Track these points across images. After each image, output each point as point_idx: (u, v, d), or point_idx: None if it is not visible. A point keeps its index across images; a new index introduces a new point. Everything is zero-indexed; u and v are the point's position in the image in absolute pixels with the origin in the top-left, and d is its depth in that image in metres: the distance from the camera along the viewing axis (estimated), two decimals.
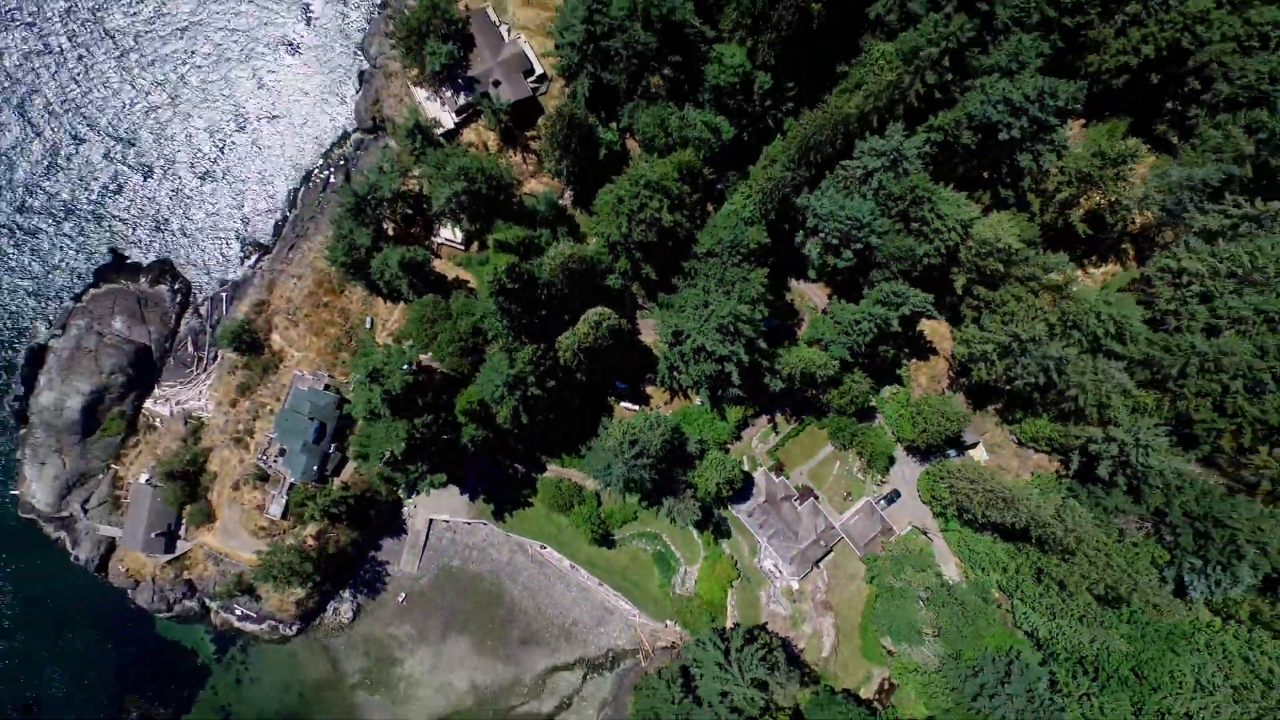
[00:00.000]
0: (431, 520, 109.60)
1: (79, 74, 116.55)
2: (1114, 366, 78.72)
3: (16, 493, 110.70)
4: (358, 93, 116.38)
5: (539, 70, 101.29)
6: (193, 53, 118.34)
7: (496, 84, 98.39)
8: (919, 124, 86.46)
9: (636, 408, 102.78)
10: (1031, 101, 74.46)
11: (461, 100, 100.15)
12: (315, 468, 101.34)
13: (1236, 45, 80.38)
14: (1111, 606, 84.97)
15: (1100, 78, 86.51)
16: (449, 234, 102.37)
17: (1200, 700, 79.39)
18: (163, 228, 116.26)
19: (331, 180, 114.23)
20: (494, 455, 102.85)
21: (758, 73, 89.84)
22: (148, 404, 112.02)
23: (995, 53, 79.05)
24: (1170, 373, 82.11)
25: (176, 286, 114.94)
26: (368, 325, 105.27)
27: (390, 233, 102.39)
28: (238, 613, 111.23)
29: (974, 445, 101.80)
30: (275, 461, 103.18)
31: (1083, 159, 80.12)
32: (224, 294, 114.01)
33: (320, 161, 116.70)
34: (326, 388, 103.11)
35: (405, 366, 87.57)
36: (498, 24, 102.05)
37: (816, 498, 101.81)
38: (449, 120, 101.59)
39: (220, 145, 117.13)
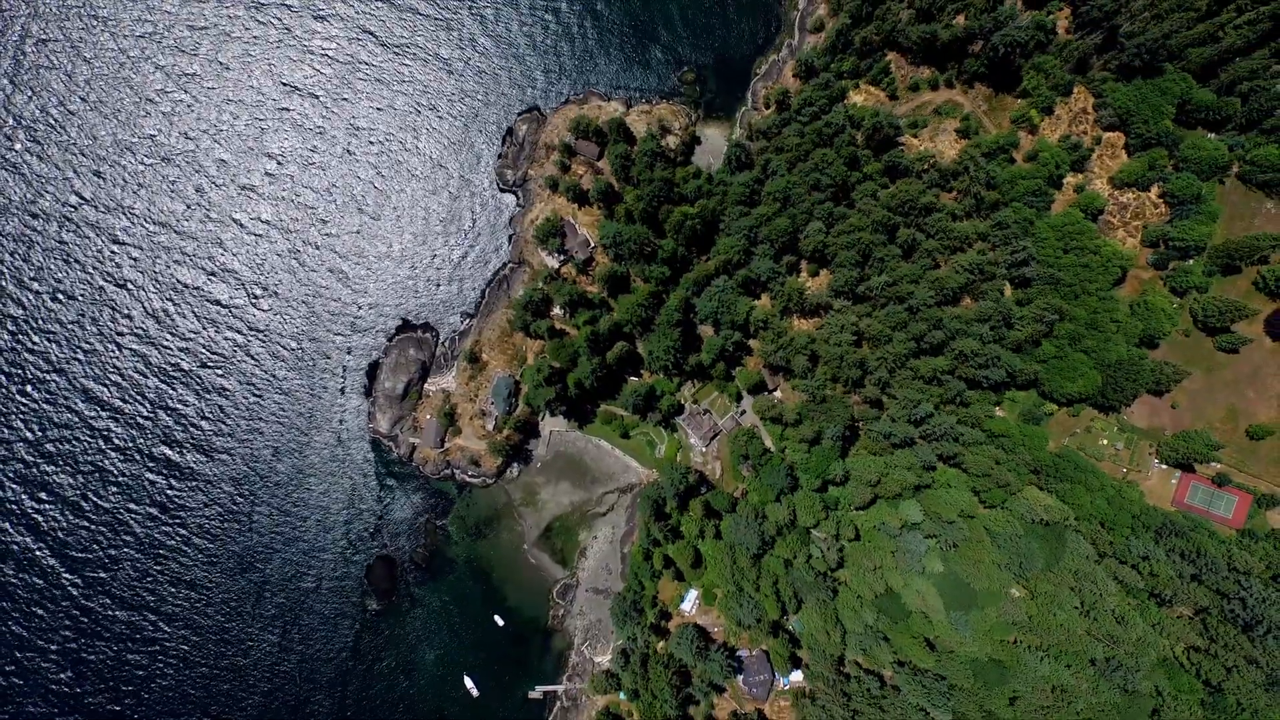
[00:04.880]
0: (551, 430, 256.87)
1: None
2: (803, 354, 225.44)
3: (373, 425, 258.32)
4: (509, 244, 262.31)
5: (593, 244, 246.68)
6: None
7: (576, 252, 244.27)
8: (738, 269, 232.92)
9: (637, 379, 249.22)
10: (762, 272, 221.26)
11: (561, 258, 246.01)
12: (507, 410, 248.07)
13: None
14: (814, 444, 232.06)
15: (807, 250, 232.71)
16: (558, 310, 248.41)
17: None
18: (430, 309, 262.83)
19: (500, 284, 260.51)
20: (581, 401, 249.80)
21: (679, 248, 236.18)
22: (426, 386, 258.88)
23: (758, 253, 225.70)
24: (834, 358, 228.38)
25: (434, 334, 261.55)
26: (525, 350, 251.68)
27: (533, 309, 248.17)
28: (469, 474, 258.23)
29: (775, 390, 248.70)
30: (490, 406, 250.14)
31: (792, 288, 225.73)
32: (455, 336, 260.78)
33: (493, 274, 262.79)
34: (510, 377, 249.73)
35: (547, 366, 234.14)
36: (575, 224, 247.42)
37: (711, 413, 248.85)
38: (555, 264, 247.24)
39: (451, 273, 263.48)
